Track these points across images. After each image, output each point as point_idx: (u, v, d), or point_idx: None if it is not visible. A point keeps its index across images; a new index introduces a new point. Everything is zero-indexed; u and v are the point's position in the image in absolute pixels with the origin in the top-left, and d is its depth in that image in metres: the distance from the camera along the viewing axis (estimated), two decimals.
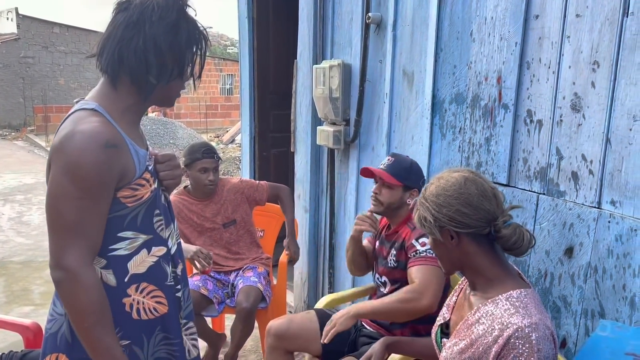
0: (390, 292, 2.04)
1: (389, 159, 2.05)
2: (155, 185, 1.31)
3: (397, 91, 2.49)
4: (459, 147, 2.15)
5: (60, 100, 16.21)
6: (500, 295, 1.30)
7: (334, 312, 2.15)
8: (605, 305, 1.63)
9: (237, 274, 2.78)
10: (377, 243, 2.18)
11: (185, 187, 2.78)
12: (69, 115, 1.24)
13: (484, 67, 2.00)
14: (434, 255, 1.82)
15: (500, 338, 1.22)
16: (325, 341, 1.84)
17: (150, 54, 1.21)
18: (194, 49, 1.28)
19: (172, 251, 1.37)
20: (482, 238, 1.34)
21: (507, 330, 1.22)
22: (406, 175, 2.02)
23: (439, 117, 2.25)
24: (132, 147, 1.25)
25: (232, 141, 11.81)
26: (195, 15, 1.29)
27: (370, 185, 2.73)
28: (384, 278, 2.08)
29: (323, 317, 2.10)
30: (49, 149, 9.51)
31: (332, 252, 3.10)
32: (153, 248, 1.30)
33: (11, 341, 2.77)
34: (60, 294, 1.19)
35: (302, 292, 3.42)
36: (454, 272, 1.47)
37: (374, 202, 2.06)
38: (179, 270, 1.40)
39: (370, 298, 2.24)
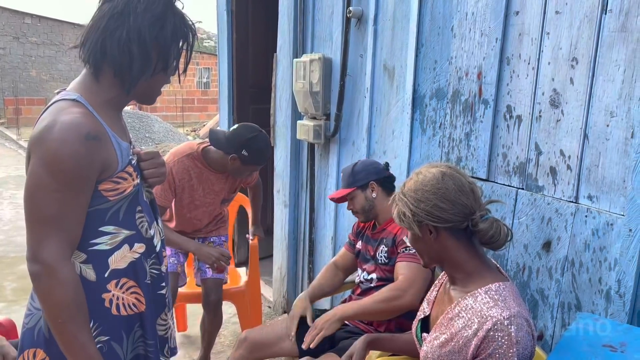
0: (378, 287, 2.04)
1: (341, 175, 2.14)
2: (138, 181, 1.28)
3: (378, 86, 2.49)
4: (439, 142, 2.16)
5: (32, 93, 15.85)
6: (479, 289, 1.31)
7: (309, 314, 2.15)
8: (581, 298, 1.66)
9: (203, 241, 2.80)
10: (360, 242, 2.18)
11: (199, 148, 2.59)
12: (50, 105, 1.20)
13: (464, 63, 2.02)
14: None
15: (480, 331, 1.23)
16: (312, 346, 1.84)
17: (134, 46, 1.19)
18: (180, 44, 1.26)
19: (158, 249, 1.35)
20: (460, 232, 1.35)
21: (487, 323, 1.23)
22: (352, 179, 2.08)
23: (419, 112, 2.26)
24: (114, 139, 1.22)
25: None
26: (183, 8, 1.26)
27: None
28: (372, 275, 2.09)
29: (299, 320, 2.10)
30: (21, 142, 9.23)
31: (311, 247, 3.10)
32: (135, 244, 1.28)
33: None
34: (36, 288, 1.16)
35: (281, 287, 3.41)
36: (433, 266, 1.48)
37: (355, 215, 2.14)
38: (163, 268, 1.38)
39: (352, 292, 2.24)
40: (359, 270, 2.18)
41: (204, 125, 13.06)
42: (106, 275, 1.23)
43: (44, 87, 16.37)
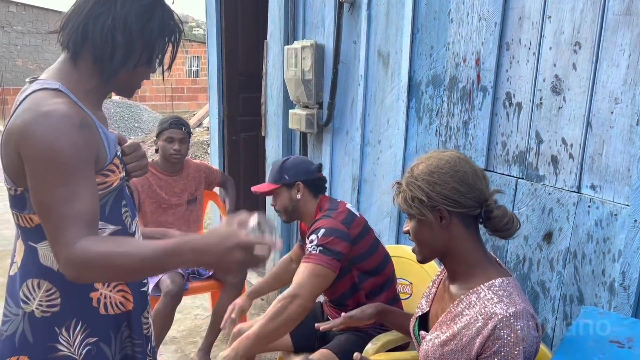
0: (329, 300, 2.01)
1: (270, 168, 2.07)
2: (123, 174, 1.23)
3: (372, 73, 2.42)
4: (436, 130, 2.10)
5: (18, 82, 15.57)
6: (481, 285, 1.26)
7: None
8: (584, 290, 1.61)
9: None
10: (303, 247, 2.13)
11: (153, 160, 2.78)
12: (27, 96, 1.12)
13: (462, 48, 1.95)
14: (317, 252, 1.79)
15: (485, 329, 1.18)
16: None
17: (119, 34, 1.12)
18: (166, 39, 1.20)
19: None
20: (471, 220, 1.30)
21: (492, 320, 1.18)
22: (279, 175, 2.01)
23: (415, 100, 2.19)
24: (101, 130, 1.16)
25: (200, 125, 11.56)
26: (173, 3, 1.19)
27: (344, 169, 2.68)
28: None
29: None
30: None
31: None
32: None
33: None
34: (92, 281, 1.10)
35: None
36: (432, 259, 1.41)
37: (277, 214, 2.08)
38: None
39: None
40: None
41: (194, 114, 12.91)
42: None
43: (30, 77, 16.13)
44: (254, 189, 2.09)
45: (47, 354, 1.16)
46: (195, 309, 3.44)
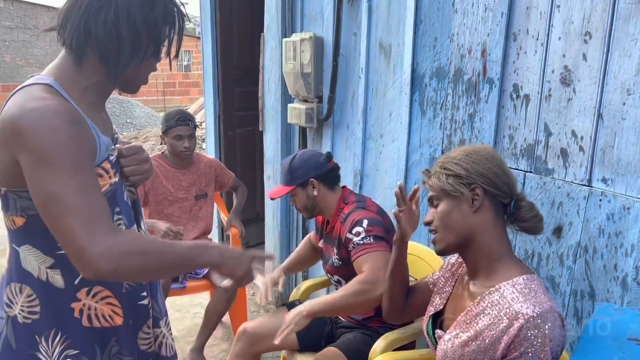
0: None
1: (280, 170, 2.03)
2: (116, 180, 1.14)
3: (374, 65, 2.37)
4: (441, 124, 2.06)
5: (7, 79, 15.38)
6: (504, 283, 1.23)
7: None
8: (595, 285, 1.58)
9: None
10: (322, 242, 2.09)
11: (163, 152, 2.77)
12: (19, 89, 1.06)
13: (467, 40, 1.91)
14: (371, 241, 1.78)
15: (511, 329, 1.15)
16: (276, 342, 1.75)
17: (123, 28, 1.06)
18: (170, 26, 1.13)
19: None
20: (500, 209, 1.30)
21: (518, 320, 1.14)
22: (291, 176, 1.98)
23: (418, 92, 2.15)
24: (94, 131, 1.09)
25: None
26: None
27: (345, 164, 2.64)
28: (336, 277, 2.00)
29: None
30: None
31: (305, 234, 3.00)
32: None
33: None
34: (120, 273, 1.02)
35: None
36: (452, 251, 1.37)
37: (299, 212, 2.05)
38: None
39: None
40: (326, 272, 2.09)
41: (187, 109, 12.82)
42: (76, 282, 1.11)
43: (19, 73, 15.89)
44: (270, 195, 2.06)
45: (28, 359, 1.11)
46: (194, 307, 3.40)
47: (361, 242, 1.79)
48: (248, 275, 1.16)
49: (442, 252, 1.36)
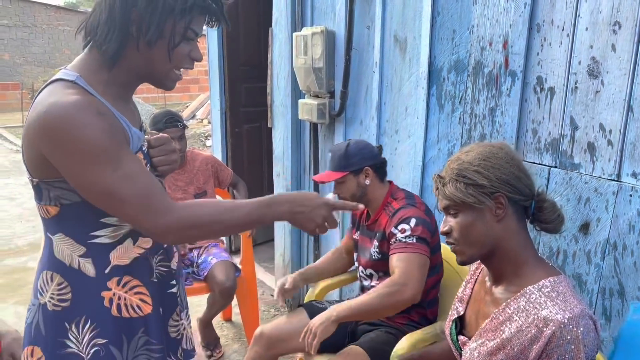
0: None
1: (328, 156, 1.96)
2: (148, 169, 1.15)
3: (388, 59, 2.32)
4: (460, 118, 2.01)
5: (6, 77, 15.28)
6: (530, 287, 1.17)
7: (324, 304, 2.02)
8: (625, 283, 1.54)
9: (200, 251, 2.74)
10: (358, 233, 2.04)
11: None
12: (45, 87, 1.07)
13: (487, 31, 1.85)
14: (414, 241, 1.75)
15: (542, 336, 1.09)
16: (312, 352, 1.70)
17: (105, 12, 1.06)
18: (169, 9, 1.07)
19: (165, 244, 1.23)
20: (522, 213, 1.23)
21: (548, 327, 1.08)
22: (345, 162, 1.91)
23: (436, 86, 2.10)
24: (124, 122, 1.09)
25: (193, 116, 11.41)
26: None
27: None
28: (370, 270, 1.95)
29: (313, 312, 1.98)
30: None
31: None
32: (140, 239, 1.16)
33: None
34: (189, 242, 1.10)
35: (284, 275, 3.26)
36: (476, 260, 1.32)
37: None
38: (173, 265, 1.25)
39: (361, 289, 2.10)
40: (357, 264, 2.04)
41: (187, 106, 12.74)
42: (107, 271, 1.13)
43: (18, 71, 15.78)
44: (316, 178, 1.97)
45: (56, 349, 1.12)
46: (200, 307, 3.34)
47: (403, 240, 1.76)
48: (321, 228, 1.13)
49: (464, 264, 1.29)
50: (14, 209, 5.49)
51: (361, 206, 1.21)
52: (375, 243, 1.91)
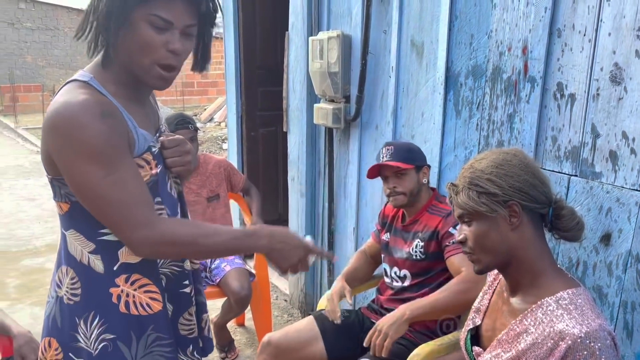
0: (412, 286, 1.87)
1: (387, 149, 1.92)
2: (158, 171, 1.16)
3: (405, 64, 2.29)
4: (477, 125, 1.97)
5: (28, 79, 15.57)
6: (547, 298, 1.14)
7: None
8: None
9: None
10: (387, 235, 2.01)
11: None
12: (63, 86, 1.10)
13: (506, 36, 1.82)
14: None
15: (557, 350, 1.06)
16: (384, 354, 1.66)
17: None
18: None
19: None
20: (539, 221, 1.20)
21: (564, 341, 1.05)
22: (412, 155, 1.91)
23: (453, 92, 2.06)
24: (130, 123, 1.10)
25: (211, 119, 11.48)
26: None
27: None
28: (404, 271, 1.92)
29: (323, 321, 1.96)
30: (19, 130, 8.93)
31: (331, 238, 2.92)
32: None
33: None
34: (162, 258, 1.16)
35: (298, 280, 3.25)
36: (492, 269, 1.29)
37: (395, 197, 1.91)
38: (187, 265, 1.25)
39: (378, 290, 2.07)
40: (386, 266, 2.01)
41: (205, 109, 12.83)
42: (115, 268, 1.14)
43: (40, 73, 16.08)
44: (385, 163, 1.88)
45: (70, 342, 1.15)
46: (213, 310, 3.34)
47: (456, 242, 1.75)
48: (294, 269, 1.16)
49: (480, 273, 1.28)
50: (33, 210, 5.56)
51: (336, 257, 1.26)
52: (418, 243, 1.88)
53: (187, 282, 1.25)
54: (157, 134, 1.21)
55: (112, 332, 1.14)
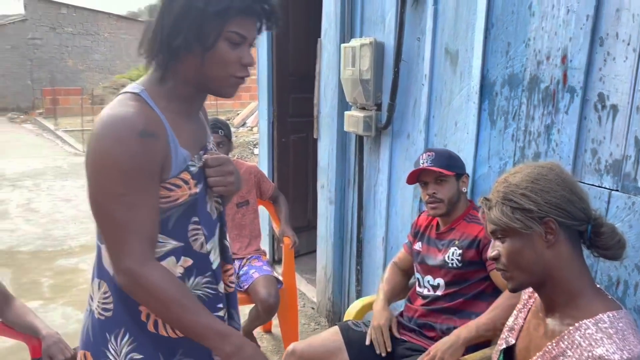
0: (446, 295, 1.83)
1: (428, 154, 1.87)
2: (197, 190, 1.13)
3: (438, 72, 2.24)
4: (513, 135, 1.91)
5: (69, 83, 16.04)
6: (586, 320, 1.08)
7: (360, 325, 1.94)
8: None
9: (242, 262, 2.73)
10: (420, 244, 1.97)
11: None
12: (116, 96, 1.10)
13: (545, 45, 1.76)
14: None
15: None
16: None
17: (166, 18, 1.04)
18: (223, 12, 1.03)
19: (215, 266, 1.19)
20: (577, 238, 1.14)
21: None
22: (453, 162, 1.87)
23: (488, 101, 2.01)
24: (172, 143, 1.07)
25: (243, 124, 11.58)
26: None
27: (404, 175, 2.51)
28: (439, 280, 1.87)
29: (348, 333, 1.92)
30: (58, 132, 9.19)
31: (360, 247, 2.89)
32: (182, 258, 1.13)
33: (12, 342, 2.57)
34: (133, 297, 1.08)
35: (326, 288, 3.23)
36: (526, 287, 1.24)
37: (433, 205, 1.86)
38: (221, 288, 1.21)
39: (408, 299, 2.03)
40: (419, 275, 1.96)
41: (238, 113, 12.96)
42: None
43: (80, 77, 16.55)
44: (427, 167, 1.85)
45: (102, 357, 1.13)
46: (243, 317, 3.35)
47: None
48: None
49: (514, 291, 1.22)
50: (69, 211, 5.70)
51: None
52: (455, 251, 1.84)
53: (220, 305, 1.21)
54: (202, 151, 1.17)
55: (140, 352, 1.12)
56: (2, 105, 15.62)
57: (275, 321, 3.00)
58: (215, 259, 1.19)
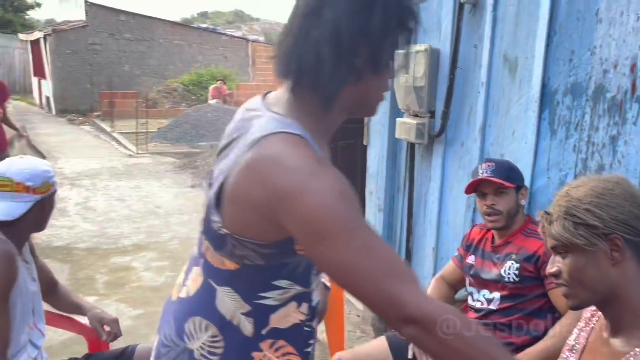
0: (501, 309, 1.77)
1: (488, 165, 1.83)
2: None
3: (496, 80, 2.19)
4: (575, 146, 1.84)
5: (125, 87, 16.61)
6: None
7: None
8: None
9: None
10: (472, 258, 1.92)
11: None
12: (268, 134, 0.94)
13: (612, 53, 1.69)
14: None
15: None
16: None
17: (327, 46, 0.92)
18: (396, 33, 0.95)
19: (314, 303, 1.15)
20: None
21: None
22: (514, 175, 1.83)
23: (549, 110, 1.94)
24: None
25: None
26: None
27: (457, 184, 2.46)
28: (495, 294, 1.82)
29: (395, 343, 1.89)
30: (114, 134, 9.45)
31: (408, 256, 2.85)
32: (303, 304, 1.09)
33: (67, 336, 2.67)
34: (427, 350, 0.90)
35: None
36: (589, 306, 1.18)
37: (492, 216, 1.82)
38: (314, 324, 1.18)
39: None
40: (472, 289, 1.91)
41: None
42: (264, 332, 1.06)
43: (136, 81, 17.10)
44: (486, 177, 1.82)
45: None
46: None
47: None
48: None
49: (575, 309, 1.16)
50: (123, 210, 5.89)
51: None
52: (512, 265, 1.79)
53: (311, 341, 1.15)
54: None
55: None
56: (62, 107, 16.35)
57: (321, 327, 2.99)
58: (315, 297, 1.15)
